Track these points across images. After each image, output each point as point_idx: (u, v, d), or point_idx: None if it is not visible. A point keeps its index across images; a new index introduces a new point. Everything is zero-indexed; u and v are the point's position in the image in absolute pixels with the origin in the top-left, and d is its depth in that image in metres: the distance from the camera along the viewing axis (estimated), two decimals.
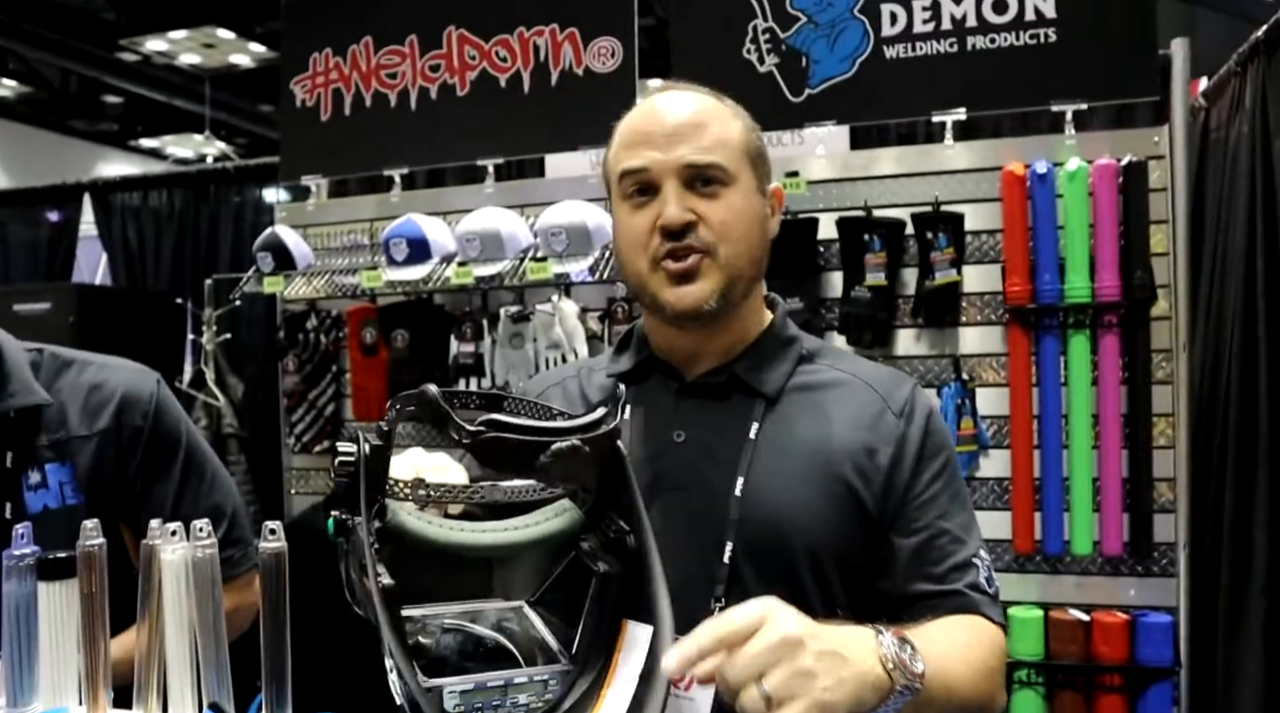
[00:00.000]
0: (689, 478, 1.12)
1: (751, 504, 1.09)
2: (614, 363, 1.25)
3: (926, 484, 1.12)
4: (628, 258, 1.15)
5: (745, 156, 1.14)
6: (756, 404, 1.15)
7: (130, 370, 1.50)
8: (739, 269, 1.12)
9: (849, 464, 1.11)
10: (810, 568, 1.09)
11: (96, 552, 1.08)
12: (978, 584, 1.11)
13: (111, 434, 1.43)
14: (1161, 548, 2.35)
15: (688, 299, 1.11)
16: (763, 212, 1.17)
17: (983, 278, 2.47)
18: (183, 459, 1.48)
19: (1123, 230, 2.35)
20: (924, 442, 1.14)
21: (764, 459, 1.11)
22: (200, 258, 3.95)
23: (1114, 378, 2.35)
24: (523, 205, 2.83)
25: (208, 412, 3.47)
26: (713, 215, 1.11)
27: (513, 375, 2.75)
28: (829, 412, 1.15)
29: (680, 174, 1.11)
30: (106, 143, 11.34)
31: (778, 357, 1.18)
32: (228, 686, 1.04)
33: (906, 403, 1.15)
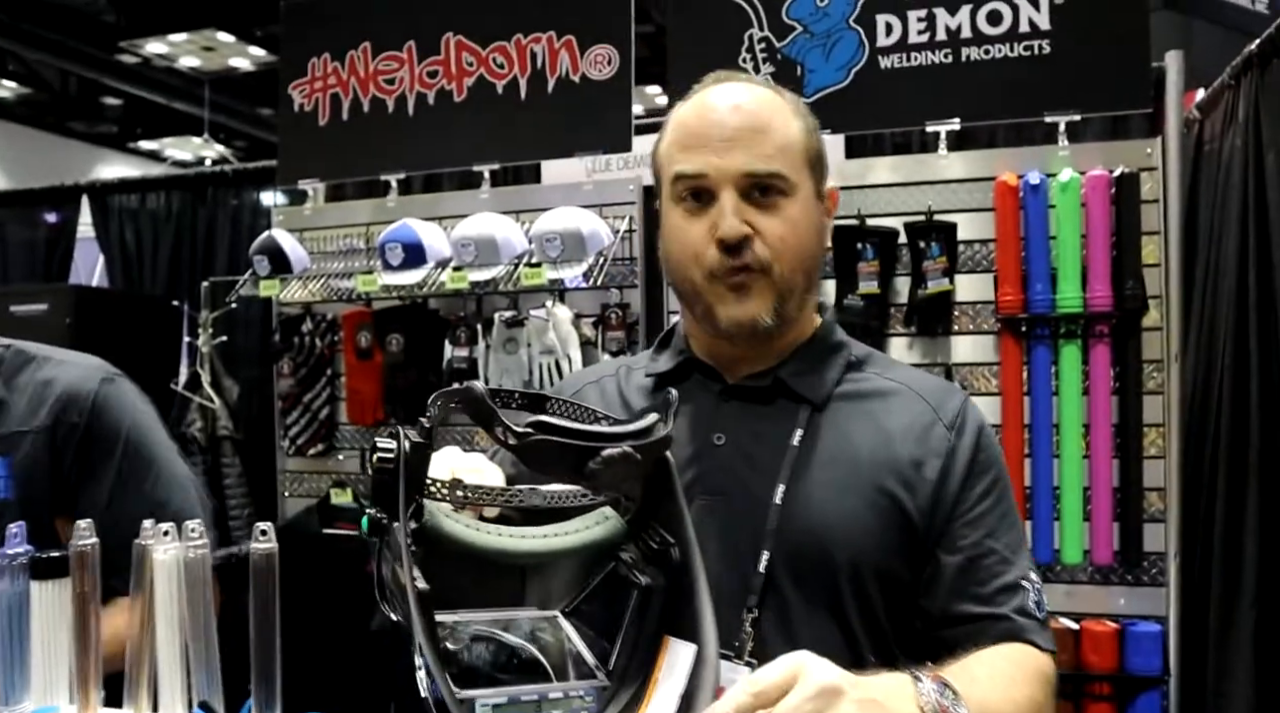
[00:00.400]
0: (727, 483, 1.08)
1: (791, 513, 1.05)
2: (653, 363, 1.20)
3: (975, 501, 1.08)
4: (679, 264, 1.10)
5: (806, 162, 1.09)
6: (801, 410, 1.10)
7: (80, 368, 1.48)
8: (794, 284, 1.08)
9: (895, 476, 1.06)
10: (850, 581, 1.04)
11: (90, 551, 1.09)
12: (1025, 608, 1.05)
13: (48, 430, 1.42)
14: (1152, 557, 2.36)
15: (744, 314, 1.06)
16: (820, 219, 1.12)
17: (975, 287, 2.48)
18: (120, 457, 1.45)
19: (1115, 241, 2.36)
20: (974, 456, 1.09)
21: (807, 467, 1.07)
22: (197, 261, 3.95)
23: (1105, 388, 2.37)
24: (519, 211, 2.84)
25: (203, 414, 3.47)
26: (771, 230, 1.06)
27: (506, 380, 2.76)
28: (876, 421, 1.10)
29: (738, 184, 1.05)
30: (105, 145, 11.36)
31: (825, 363, 1.14)
32: (218, 686, 1.05)
33: (958, 415, 1.10)
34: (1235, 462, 2.42)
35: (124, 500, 1.44)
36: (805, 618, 1.03)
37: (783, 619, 1.03)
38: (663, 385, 1.15)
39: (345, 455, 3.10)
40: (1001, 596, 1.05)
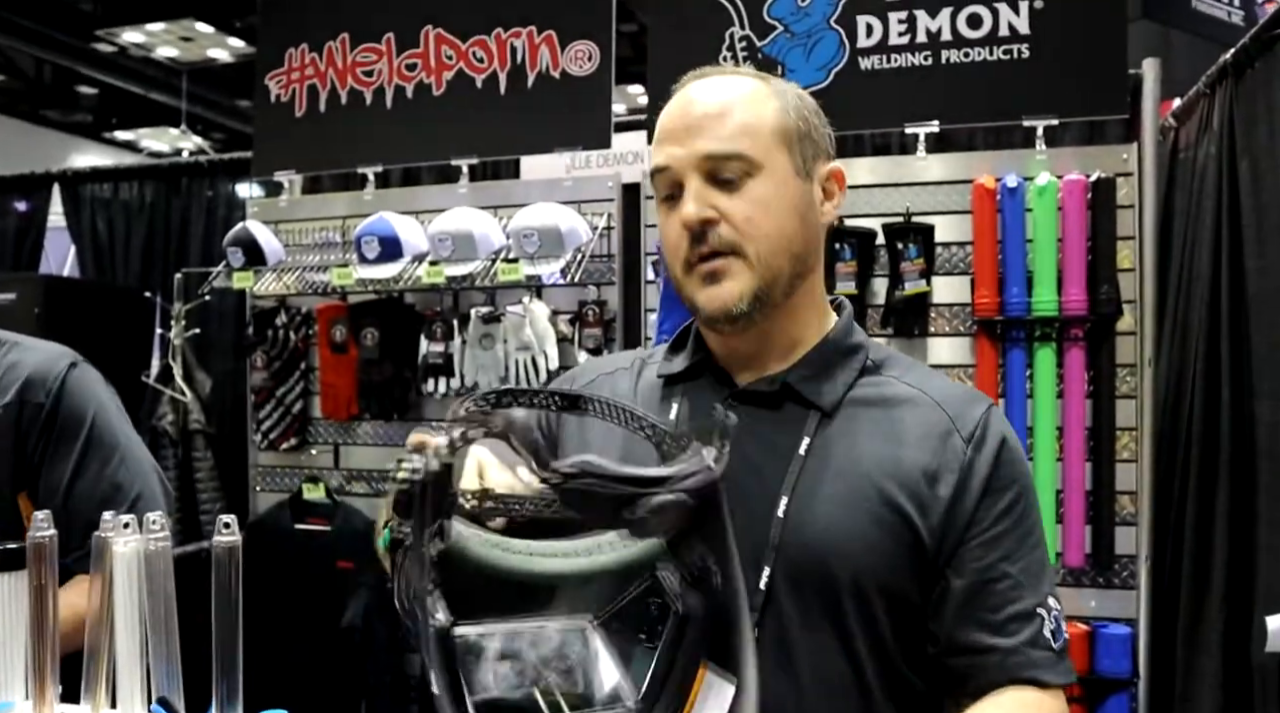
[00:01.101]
0: (730, 493, 1.04)
1: (794, 527, 1.00)
2: (667, 362, 1.16)
3: (992, 521, 1.01)
4: (668, 262, 1.08)
5: (779, 140, 1.04)
6: (810, 417, 1.05)
7: (46, 353, 1.52)
8: (774, 267, 1.03)
9: (906, 491, 1.01)
10: (854, 600, 0.99)
11: (46, 543, 1.07)
12: (1039, 640, 0.99)
13: (13, 409, 1.45)
14: (1123, 560, 2.38)
15: (715, 302, 1.03)
16: (803, 198, 1.06)
17: (952, 289, 2.49)
18: (84, 439, 1.48)
19: (1090, 245, 2.38)
20: (993, 473, 1.02)
21: (812, 478, 1.02)
22: (170, 252, 3.90)
23: (1079, 391, 2.38)
24: (497, 207, 2.83)
25: (174, 407, 3.43)
26: (735, 211, 1.02)
27: (482, 376, 2.75)
28: (890, 430, 1.04)
29: (700, 168, 1.02)
30: (81, 134, 11.22)
31: (838, 366, 1.08)
32: (178, 681, 1.03)
33: (978, 426, 1.04)
34: (1206, 466, 2.44)
35: (85, 481, 1.46)
36: (805, 636, 0.99)
37: (781, 637, 0.99)
38: (673, 385, 1.13)
39: (318, 450, 3.07)
40: (1013, 624, 0.99)
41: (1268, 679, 2.12)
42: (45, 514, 1.08)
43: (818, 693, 0.99)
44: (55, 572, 1.07)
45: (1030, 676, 0.98)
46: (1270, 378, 2.15)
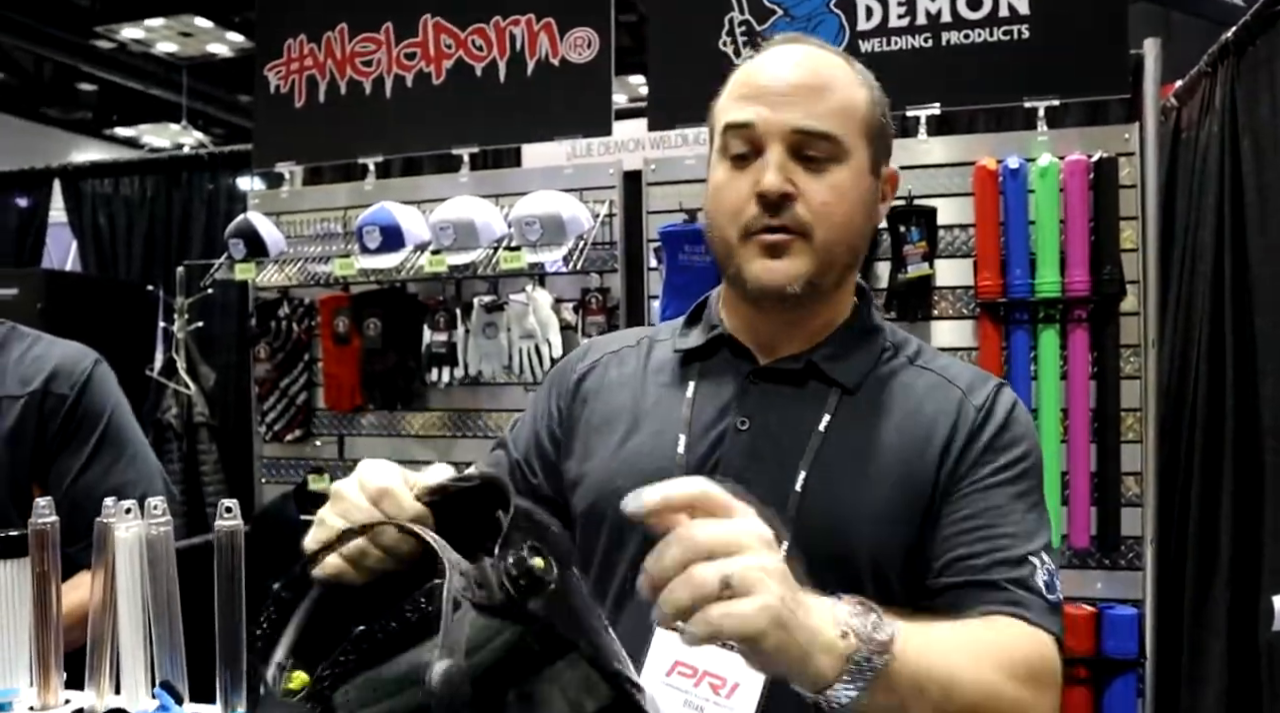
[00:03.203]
0: (748, 469, 1.02)
1: (812, 502, 0.99)
2: (682, 337, 1.14)
3: (987, 474, 1.01)
4: (717, 222, 1.05)
5: (864, 131, 1.03)
6: (832, 394, 1.05)
7: (72, 348, 1.55)
8: (833, 256, 1.02)
9: (924, 469, 1.01)
10: (872, 575, 0.98)
11: (49, 530, 1.07)
12: (1029, 584, 0.96)
13: (37, 397, 1.48)
14: (1129, 541, 2.37)
15: (773, 276, 1.00)
16: (871, 195, 1.06)
17: (954, 272, 2.48)
18: (100, 435, 1.51)
19: (1093, 226, 2.36)
20: (997, 433, 1.02)
21: (832, 454, 1.01)
22: (172, 246, 3.92)
23: (1083, 373, 2.37)
24: (498, 195, 2.82)
25: (178, 400, 3.44)
26: (815, 192, 1.00)
27: (485, 365, 2.74)
28: (909, 409, 1.04)
29: (787, 139, 1.00)
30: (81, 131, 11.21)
31: (860, 347, 1.08)
32: (182, 666, 1.03)
33: (988, 399, 1.04)
34: (1210, 446, 2.43)
35: (93, 474, 1.48)
36: None
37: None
38: (691, 361, 1.11)
39: (323, 441, 3.07)
40: (1000, 568, 0.96)
41: (1274, 659, 2.12)
42: (47, 501, 1.08)
43: None
44: (58, 558, 1.08)
45: (1014, 612, 0.94)
46: (1275, 357, 2.14)
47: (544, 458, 1.17)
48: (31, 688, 1.08)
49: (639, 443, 1.08)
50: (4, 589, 1.08)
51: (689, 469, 1.03)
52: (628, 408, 1.12)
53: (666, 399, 1.10)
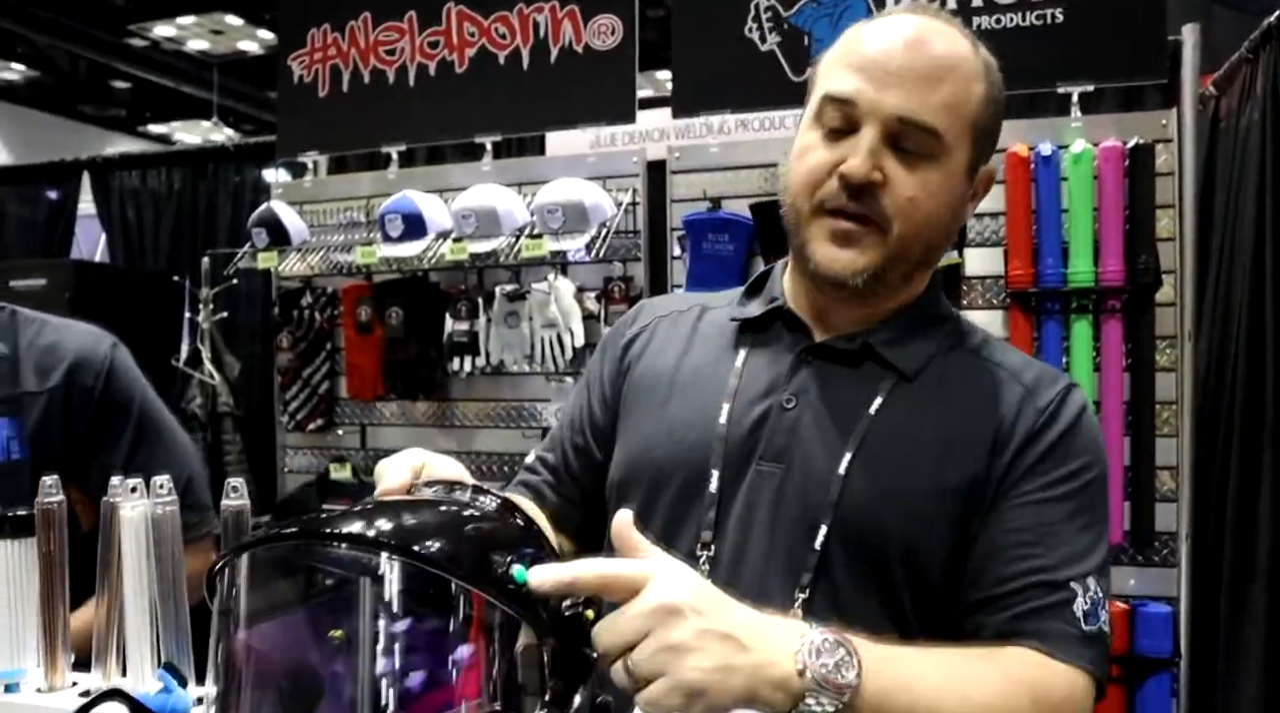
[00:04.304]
0: (791, 449, 0.98)
1: (854, 487, 0.94)
2: (741, 306, 1.09)
3: (1040, 487, 0.93)
4: (793, 188, 0.99)
5: (971, 130, 0.96)
6: (886, 379, 0.99)
7: (85, 333, 1.49)
8: (908, 252, 0.96)
9: (973, 464, 0.94)
10: (905, 570, 0.94)
11: (55, 509, 1.06)
12: (1064, 613, 0.89)
13: (61, 392, 1.41)
14: (1163, 537, 2.31)
15: (834, 265, 0.95)
16: (962, 196, 0.99)
17: (985, 261, 2.43)
18: (135, 423, 1.46)
19: (1128, 214, 2.31)
20: (1058, 442, 0.95)
21: (880, 440, 0.96)
22: (198, 237, 3.93)
23: (1117, 364, 2.31)
24: (521, 183, 2.80)
25: (203, 391, 3.44)
26: (901, 186, 0.93)
27: (508, 354, 2.72)
28: (965, 404, 0.97)
29: (886, 124, 0.93)
30: (115, 128, 11.33)
31: (923, 333, 1.02)
32: (187, 648, 1.02)
33: (1053, 402, 0.97)
34: (1249, 441, 2.37)
35: (139, 465, 1.40)
36: (856, 600, 0.93)
37: (833, 602, 0.93)
38: (745, 332, 1.07)
39: (345, 431, 3.07)
40: (1034, 590, 0.89)
41: None
42: (54, 480, 1.07)
43: None
44: (64, 538, 1.06)
45: (1040, 645, 0.88)
46: None
47: (595, 425, 1.14)
48: (39, 669, 1.07)
49: (680, 411, 1.05)
50: (11, 570, 1.07)
51: (729, 444, 1.00)
52: (670, 375, 1.08)
53: (714, 369, 1.06)
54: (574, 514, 1.14)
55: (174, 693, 0.91)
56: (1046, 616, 0.89)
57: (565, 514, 1.13)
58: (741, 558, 0.97)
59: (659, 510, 1.02)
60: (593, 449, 1.14)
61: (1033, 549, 0.91)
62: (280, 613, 0.77)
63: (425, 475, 0.90)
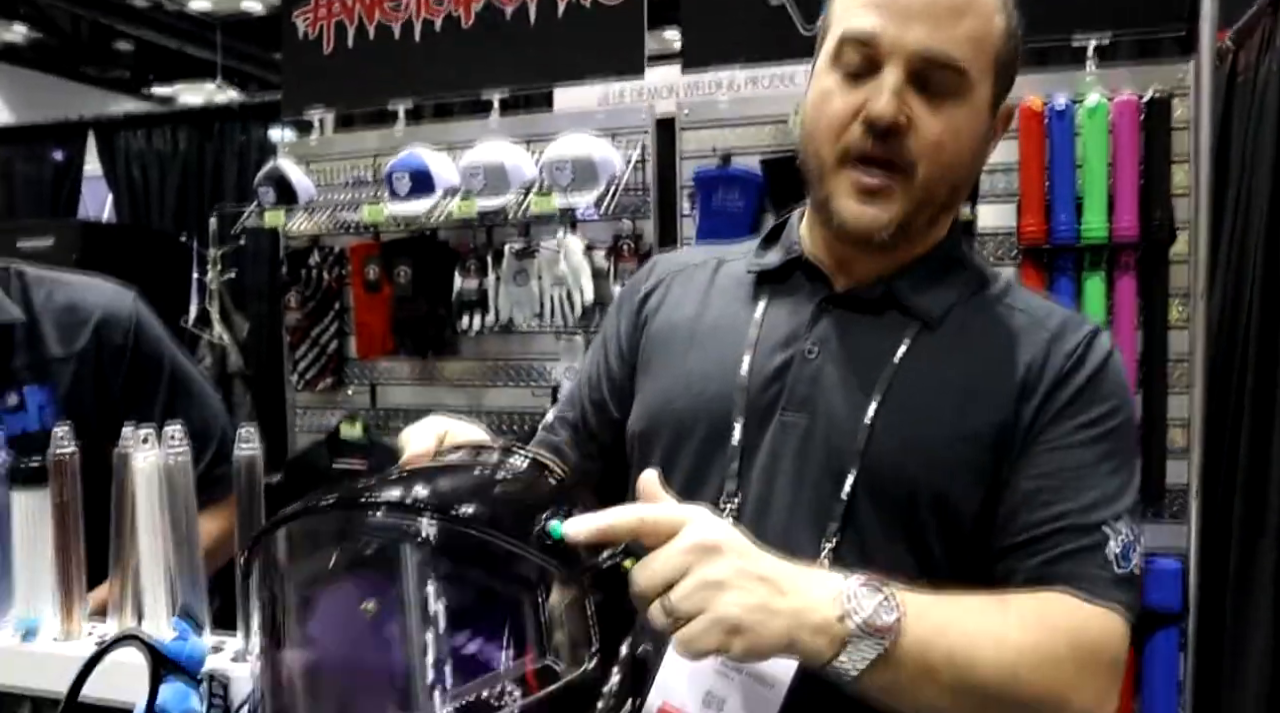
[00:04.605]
0: (814, 398, 0.97)
1: (881, 435, 0.93)
2: (759, 256, 1.07)
3: (1070, 431, 0.92)
4: (814, 137, 0.96)
5: (994, 64, 0.93)
6: (910, 326, 0.98)
7: (106, 288, 1.45)
8: (932, 197, 0.94)
9: (1001, 409, 0.93)
10: (936, 518, 0.93)
11: (68, 459, 1.06)
12: (1097, 556, 0.88)
13: (91, 354, 1.38)
14: (1173, 493, 2.31)
15: (860, 221, 0.93)
16: (985, 134, 0.96)
17: (996, 216, 2.40)
18: (168, 377, 1.43)
19: (1143, 168, 2.28)
20: (1086, 386, 0.93)
21: (905, 388, 0.94)
22: (205, 197, 3.92)
23: (1130, 320, 2.30)
24: (529, 139, 2.78)
25: (212, 350, 3.45)
26: (927, 128, 0.91)
27: (517, 312, 2.72)
28: (991, 349, 0.96)
29: (910, 62, 0.90)
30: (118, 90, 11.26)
31: (946, 279, 1.00)
32: (202, 593, 1.02)
33: (1080, 345, 0.95)
34: (1261, 397, 2.35)
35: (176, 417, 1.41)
36: (885, 549, 0.93)
37: (861, 552, 0.92)
38: (763, 282, 1.05)
39: (354, 390, 3.07)
40: (1066, 536, 0.89)
41: None
42: (65, 430, 1.07)
43: None
44: (78, 488, 1.06)
45: (1072, 588, 0.87)
46: None
47: (612, 381, 1.14)
48: (55, 617, 1.08)
49: (699, 363, 1.04)
50: (27, 520, 1.08)
51: (751, 394, 0.99)
52: (689, 326, 1.07)
53: (733, 319, 1.04)
54: (594, 470, 1.14)
55: (190, 640, 0.92)
56: (1079, 559, 0.89)
57: (586, 472, 1.13)
58: (766, 509, 0.96)
59: (681, 463, 1.02)
60: (610, 406, 1.14)
61: (1063, 494, 0.91)
62: (321, 583, 0.77)
63: (449, 441, 0.90)
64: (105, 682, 0.89)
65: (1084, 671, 0.85)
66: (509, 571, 0.73)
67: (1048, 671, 0.83)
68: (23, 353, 1.37)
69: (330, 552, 0.77)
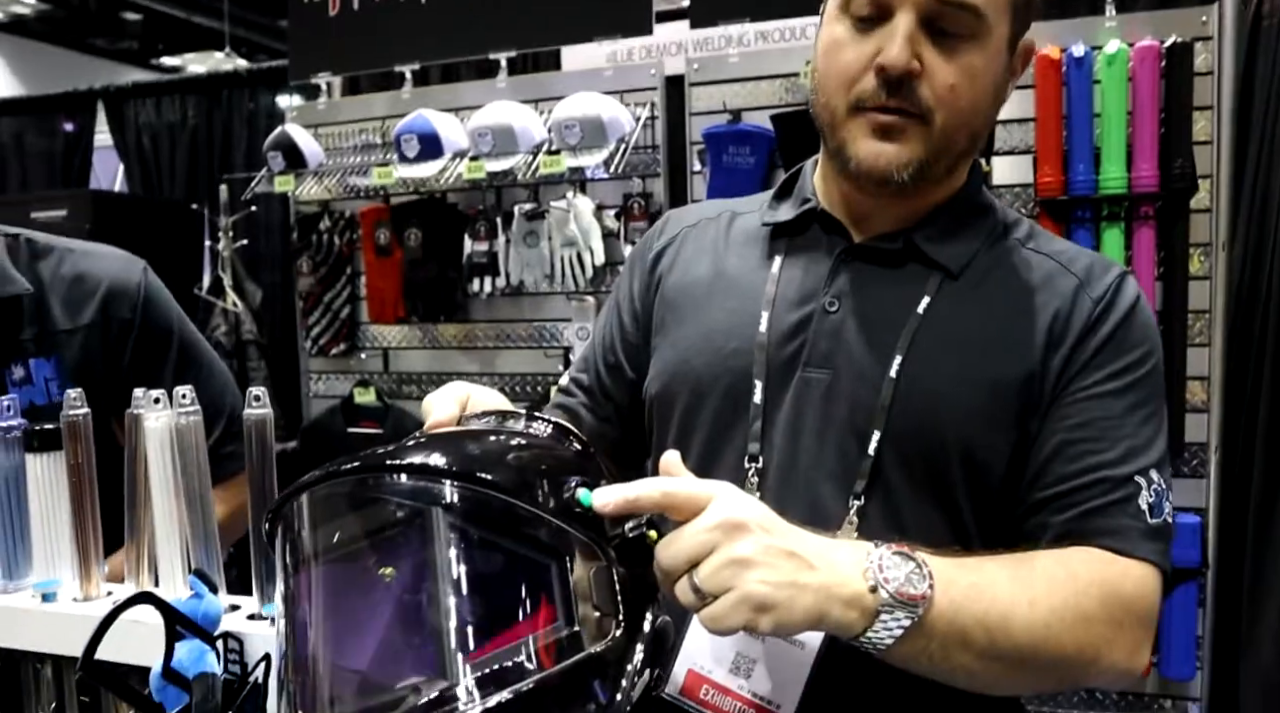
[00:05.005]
0: (836, 354, 0.95)
1: (907, 390, 0.91)
2: (772, 210, 1.05)
3: (1101, 379, 0.91)
4: (826, 88, 0.94)
5: (1010, 3, 0.91)
6: (933, 277, 0.95)
7: (115, 259, 1.42)
8: (951, 143, 0.91)
9: (1031, 358, 0.91)
10: (964, 473, 0.91)
11: (81, 422, 1.06)
12: (1130, 508, 0.87)
13: (98, 328, 1.36)
14: (1193, 448, 2.29)
15: (879, 160, 0.91)
16: (1003, 74, 0.93)
17: (1013, 169, 2.37)
18: (176, 350, 1.41)
19: (1164, 117, 2.23)
20: (1115, 332, 0.92)
21: (930, 341, 0.92)
22: (215, 165, 3.91)
23: (1149, 273, 2.26)
24: (537, 100, 2.75)
25: (226, 318, 3.45)
26: (942, 74, 0.88)
27: (527, 274, 2.70)
28: (1017, 297, 0.94)
29: (921, 8, 0.88)
30: (127, 61, 11.22)
31: (967, 227, 0.98)
32: (216, 555, 1.02)
33: (1109, 290, 0.93)
34: None
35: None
36: (913, 507, 0.92)
37: (889, 509, 0.92)
38: (779, 236, 1.03)
39: (367, 355, 3.07)
40: (1101, 486, 0.88)
41: None
42: (78, 392, 1.06)
43: None
44: (92, 451, 1.06)
45: (1108, 542, 0.86)
46: None
47: (626, 342, 1.12)
48: (74, 580, 1.08)
49: (717, 320, 1.02)
50: (43, 483, 1.08)
51: (771, 352, 0.97)
52: (705, 284, 1.05)
53: (749, 275, 1.02)
54: (611, 433, 1.13)
55: (205, 599, 0.92)
56: (1112, 512, 0.88)
57: (602, 434, 1.12)
58: (792, 469, 0.95)
59: (701, 424, 1.00)
60: (625, 368, 1.12)
61: (1095, 445, 0.89)
62: (347, 548, 0.77)
63: (471, 408, 0.90)
64: (122, 642, 0.89)
65: (1116, 626, 0.84)
66: (536, 538, 0.73)
67: (1080, 628, 0.82)
68: (30, 325, 1.34)
69: (357, 516, 0.77)
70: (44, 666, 1.05)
